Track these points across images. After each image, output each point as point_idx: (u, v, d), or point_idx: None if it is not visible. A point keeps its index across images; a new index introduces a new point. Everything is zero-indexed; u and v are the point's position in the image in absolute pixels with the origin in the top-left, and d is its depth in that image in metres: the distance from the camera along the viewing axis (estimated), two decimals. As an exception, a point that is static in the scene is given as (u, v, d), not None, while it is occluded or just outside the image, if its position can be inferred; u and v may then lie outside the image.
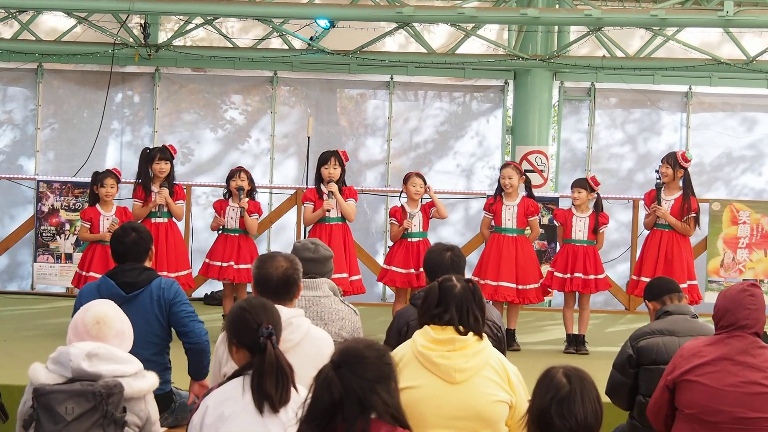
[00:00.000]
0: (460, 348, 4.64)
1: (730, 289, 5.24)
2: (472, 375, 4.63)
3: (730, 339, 5.07)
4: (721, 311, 5.14)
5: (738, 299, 5.10)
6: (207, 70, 13.80)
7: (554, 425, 3.79)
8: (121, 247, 6.19)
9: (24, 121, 13.85)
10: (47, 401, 4.40)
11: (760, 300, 5.14)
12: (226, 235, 9.98)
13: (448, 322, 4.69)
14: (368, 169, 14.00)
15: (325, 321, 5.56)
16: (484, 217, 10.06)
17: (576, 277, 9.71)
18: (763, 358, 5.06)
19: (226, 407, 4.24)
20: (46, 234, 12.00)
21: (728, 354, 5.05)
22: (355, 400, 3.62)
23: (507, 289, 9.70)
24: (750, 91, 13.75)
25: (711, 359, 5.05)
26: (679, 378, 5.10)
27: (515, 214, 9.82)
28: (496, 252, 9.81)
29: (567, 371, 3.89)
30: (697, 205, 9.63)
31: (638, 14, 12.43)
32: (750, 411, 4.99)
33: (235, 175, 10.00)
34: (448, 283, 4.78)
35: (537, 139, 13.32)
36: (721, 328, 5.12)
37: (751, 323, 5.07)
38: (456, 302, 4.72)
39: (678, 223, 9.58)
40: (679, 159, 9.57)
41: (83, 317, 4.69)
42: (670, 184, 9.65)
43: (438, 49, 13.58)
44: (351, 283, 9.68)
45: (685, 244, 9.68)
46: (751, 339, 5.07)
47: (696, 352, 5.11)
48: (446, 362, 4.62)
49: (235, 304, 4.53)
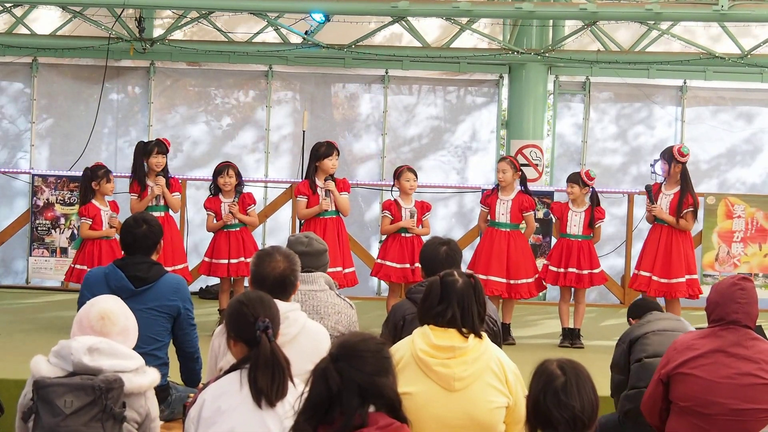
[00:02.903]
0: (460, 355, 4.61)
1: (721, 282, 5.25)
2: (471, 382, 4.62)
3: (723, 331, 5.09)
4: (712, 305, 5.16)
5: (729, 293, 5.11)
6: (202, 64, 13.78)
7: (552, 417, 3.78)
8: (130, 237, 6.17)
9: (18, 115, 13.83)
10: (47, 394, 4.41)
11: (751, 293, 5.14)
12: (228, 231, 9.93)
13: (450, 321, 4.66)
14: (363, 162, 14.00)
15: (321, 315, 5.57)
16: (481, 211, 10.10)
17: (570, 272, 9.73)
18: (755, 349, 5.08)
19: (223, 401, 4.24)
20: (41, 228, 12.00)
21: (721, 346, 5.06)
22: (353, 394, 3.62)
23: (496, 283, 9.71)
24: (745, 85, 13.76)
25: (704, 352, 5.07)
26: (673, 371, 5.11)
27: (509, 209, 9.83)
28: (488, 246, 9.83)
29: (561, 363, 3.88)
30: (695, 200, 9.61)
31: (633, 8, 12.43)
32: (744, 402, 5.01)
33: (223, 172, 9.91)
34: (449, 278, 4.75)
35: (532, 133, 13.32)
36: (713, 322, 5.14)
37: (742, 317, 5.08)
38: (458, 298, 4.68)
39: (673, 219, 9.60)
40: (675, 154, 9.57)
41: (88, 312, 4.69)
42: (669, 180, 9.67)
43: (433, 43, 13.58)
44: (345, 275, 9.72)
45: (685, 239, 9.68)
46: (743, 331, 5.09)
47: (689, 345, 5.12)
48: (445, 371, 4.60)
49: (234, 297, 4.54)
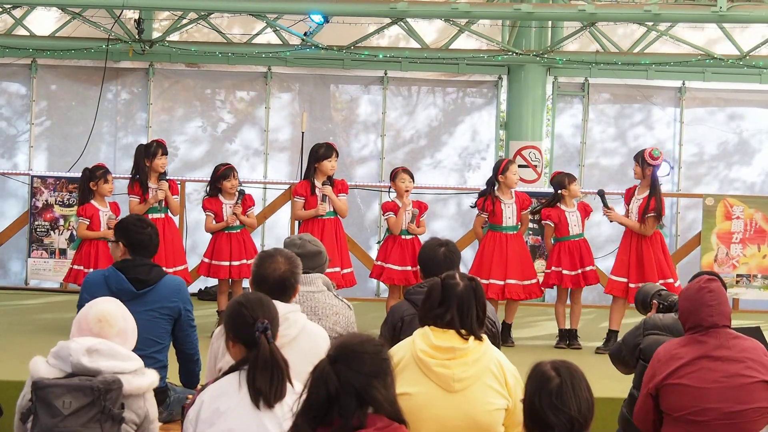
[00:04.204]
0: (460, 356, 4.62)
1: (687, 288, 5.17)
2: (471, 383, 4.62)
3: (703, 337, 5.02)
4: (686, 312, 5.09)
5: (697, 298, 5.05)
6: (201, 65, 13.78)
7: (549, 420, 3.77)
8: (133, 238, 6.16)
9: (17, 117, 13.83)
10: (45, 395, 4.41)
11: (719, 293, 5.07)
12: (229, 233, 9.89)
13: (449, 323, 4.68)
14: (361, 164, 14.01)
15: (319, 316, 5.58)
16: (478, 216, 10.03)
17: (572, 274, 9.73)
18: (739, 348, 5.03)
19: (221, 402, 4.24)
20: (40, 229, 12.00)
21: (705, 351, 5.01)
22: (351, 395, 3.62)
23: (515, 286, 9.75)
24: (743, 86, 13.77)
25: (689, 360, 5.01)
26: (662, 383, 5.06)
27: (515, 211, 9.84)
28: (500, 250, 9.78)
29: (555, 365, 3.87)
30: (658, 205, 9.49)
31: (632, 9, 12.45)
32: (737, 404, 4.97)
33: (229, 175, 9.83)
34: (450, 281, 4.76)
35: (531, 134, 13.32)
36: (691, 329, 5.07)
37: (718, 318, 5.03)
38: (458, 301, 4.69)
39: (634, 224, 9.58)
40: (646, 157, 9.54)
41: (87, 314, 4.69)
42: (642, 183, 9.64)
43: (431, 45, 13.59)
44: (343, 276, 9.73)
45: (654, 243, 9.58)
46: (723, 332, 5.03)
47: (673, 355, 5.06)
48: (445, 371, 4.61)
49: (234, 298, 4.55)
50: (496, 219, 9.80)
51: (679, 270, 13.27)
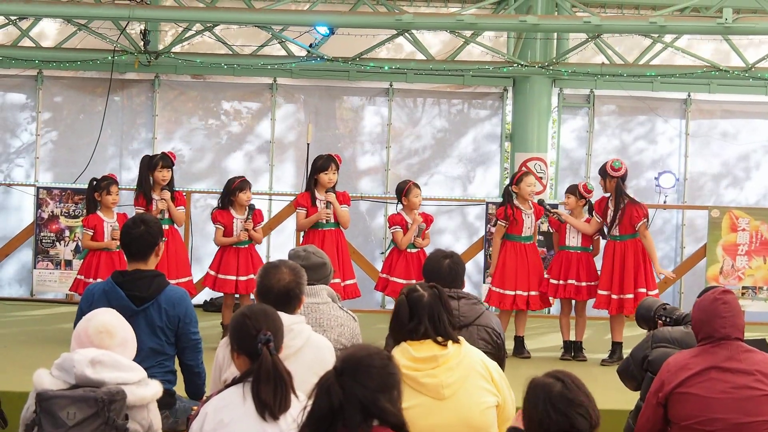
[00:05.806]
0: (443, 363, 4.66)
1: (702, 299, 5.17)
2: (459, 386, 4.65)
3: (714, 348, 5.03)
4: (698, 323, 5.10)
5: (712, 309, 5.05)
6: (206, 76, 13.81)
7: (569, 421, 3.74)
8: (128, 238, 6.07)
9: (23, 128, 13.85)
10: (49, 406, 4.40)
11: (734, 305, 5.08)
12: (237, 248, 9.83)
13: (425, 334, 4.70)
14: (367, 175, 14.01)
15: (324, 327, 5.57)
16: (499, 226, 9.96)
17: (569, 283, 9.73)
18: (750, 361, 5.03)
19: (225, 413, 4.24)
20: (45, 240, 12.01)
21: (715, 362, 5.01)
22: (355, 408, 3.60)
23: (533, 297, 9.80)
24: (749, 98, 13.77)
25: (699, 370, 5.01)
26: (671, 393, 5.06)
27: (533, 222, 9.87)
28: (523, 261, 9.81)
29: (550, 374, 3.86)
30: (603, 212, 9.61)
31: (637, 21, 12.46)
32: (744, 416, 4.97)
33: (245, 188, 9.78)
34: (415, 295, 4.77)
35: (536, 145, 13.33)
36: (703, 340, 5.08)
37: (731, 330, 5.03)
38: (428, 312, 4.72)
39: (574, 221, 9.71)
40: (607, 169, 9.57)
41: (86, 327, 4.68)
42: (612, 195, 9.62)
43: (437, 56, 13.61)
44: (345, 287, 9.70)
45: (636, 254, 9.57)
46: (735, 344, 5.03)
47: (683, 365, 5.06)
48: (433, 381, 4.63)
49: (238, 310, 4.54)
50: (517, 229, 9.80)
51: (685, 282, 13.32)
